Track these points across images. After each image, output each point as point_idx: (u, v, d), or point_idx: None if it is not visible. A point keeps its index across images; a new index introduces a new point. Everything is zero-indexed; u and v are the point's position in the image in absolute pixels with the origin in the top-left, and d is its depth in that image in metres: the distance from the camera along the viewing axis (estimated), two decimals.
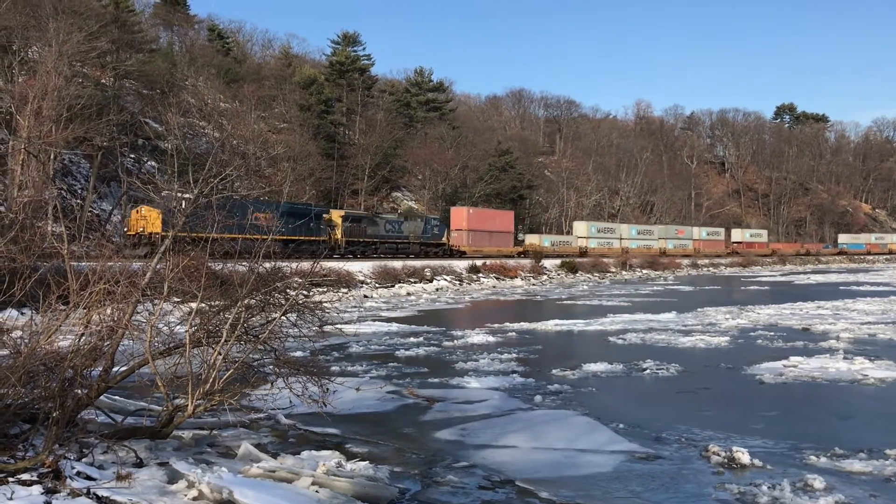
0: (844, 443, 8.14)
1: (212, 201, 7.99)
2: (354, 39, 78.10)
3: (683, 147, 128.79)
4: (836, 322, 21.19)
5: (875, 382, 11.94)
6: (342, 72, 74.22)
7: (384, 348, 16.18)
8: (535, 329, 20.34)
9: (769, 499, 6.38)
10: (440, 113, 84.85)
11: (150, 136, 50.54)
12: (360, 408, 9.99)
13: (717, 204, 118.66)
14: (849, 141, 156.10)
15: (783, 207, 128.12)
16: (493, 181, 74.69)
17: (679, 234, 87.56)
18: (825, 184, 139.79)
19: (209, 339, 7.18)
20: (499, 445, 8.29)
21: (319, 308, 7.87)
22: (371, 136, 68.17)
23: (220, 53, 74.13)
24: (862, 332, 18.61)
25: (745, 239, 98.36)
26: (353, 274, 36.93)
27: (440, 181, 70.56)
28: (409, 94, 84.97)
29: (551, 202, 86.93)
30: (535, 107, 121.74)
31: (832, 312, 24.76)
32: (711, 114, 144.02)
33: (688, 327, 20.34)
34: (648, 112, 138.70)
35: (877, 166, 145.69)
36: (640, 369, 13.31)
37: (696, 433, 8.72)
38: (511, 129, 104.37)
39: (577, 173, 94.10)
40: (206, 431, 8.07)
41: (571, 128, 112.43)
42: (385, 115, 73.76)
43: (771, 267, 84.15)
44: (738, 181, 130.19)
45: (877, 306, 27.30)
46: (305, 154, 56.83)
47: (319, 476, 6.24)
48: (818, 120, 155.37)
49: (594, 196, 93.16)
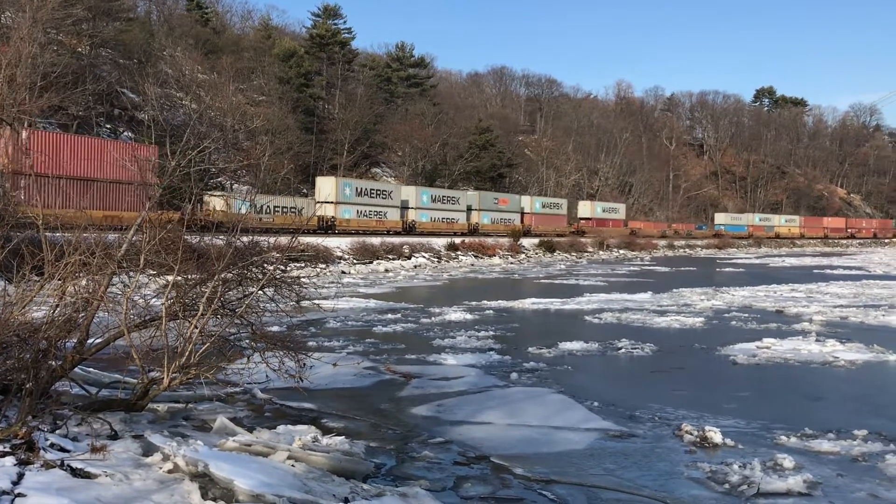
0: (814, 423, 8.28)
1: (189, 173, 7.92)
2: (335, 12, 77.29)
3: (663, 128, 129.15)
4: (809, 305, 21.47)
5: (845, 365, 12.13)
6: (322, 45, 73.47)
7: (362, 324, 16.19)
8: (512, 307, 20.43)
9: (740, 477, 6.47)
10: (421, 89, 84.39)
11: (127, 107, 49.87)
12: (337, 383, 10.00)
13: (695, 186, 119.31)
14: (826, 126, 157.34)
15: (760, 190, 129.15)
16: (473, 159, 74.58)
17: (501, 203, 68.53)
18: (802, 168, 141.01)
19: (185, 312, 7.13)
20: (475, 422, 8.34)
21: (297, 283, 7.84)
22: (351, 111, 67.68)
23: (198, 24, 73.12)
24: (834, 315, 18.87)
25: (594, 214, 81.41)
26: (331, 250, 36.86)
27: (420, 158, 70.33)
28: (390, 70, 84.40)
29: (531, 181, 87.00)
30: (516, 85, 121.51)
31: (806, 295, 25.08)
32: (691, 96, 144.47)
33: (663, 307, 20.52)
34: (629, 93, 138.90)
35: (853, 151, 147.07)
36: (615, 348, 13.42)
37: (670, 412, 8.83)
38: (492, 107, 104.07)
39: (556, 153, 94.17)
40: (182, 405, 8.04)
41: (552, 107, 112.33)
42: (365, 90, 73.28)
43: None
44: (717, 163, 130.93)
45: (849, 290, 27.68)
46: (284, 127, 56.40)
47: (295, 450, 6.25)
48: (797, 104, 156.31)
49: (573, 176, 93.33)
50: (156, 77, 47.31)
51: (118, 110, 49.41)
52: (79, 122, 40.10)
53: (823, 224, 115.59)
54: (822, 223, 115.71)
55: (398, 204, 56.44)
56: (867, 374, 11.66)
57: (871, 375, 11.59)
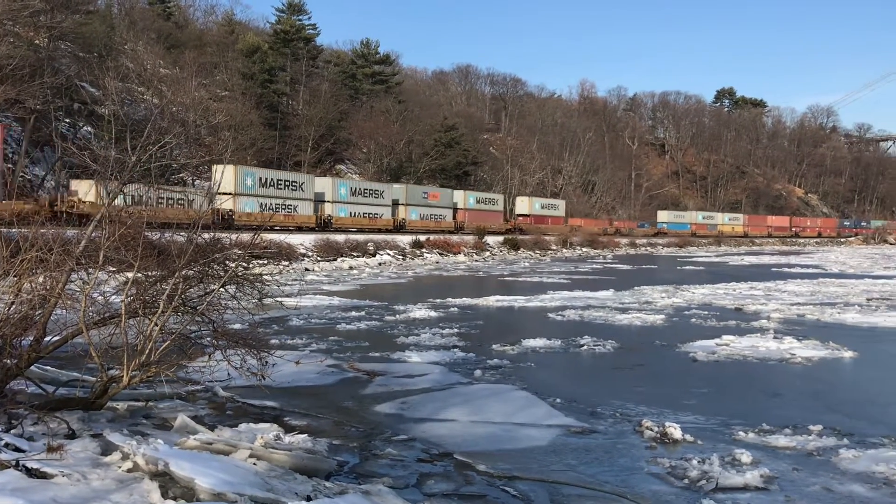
0: (771, 419, 8.43)
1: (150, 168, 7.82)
2: (300, 8, 76.74)
3: (625, 128, 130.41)
4: (767, 302, 21.83)
5: (802, 361, 12.36)
6: (286, 41, 72.92)
7: (325, 322, 16.12)
8: (476, 304, 20.49)
9: (699, 472, 6.57)
10: (386, 86, 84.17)
11: (87, 101, 48.97)
12: (300, 381, 9.95)
13: (657, 185, 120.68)
14: (785, 126, 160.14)
15: (720, 190, 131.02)
16: (439, 157, 74.62)
17: (431, 198, 64.90)
18: (761, 168, 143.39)
19: (146, 309, 7.04)
20: (438, 419, 8.36)
21: (259, 280, 7.78)
22: (315, 107, 67.28)
23: (160, 18, 72.12)
24: (791, 313, 19.21)
25: (533, 211, 78.16)
26: (295, 247, 36.64)
27: (385, 155, 70.18)
28: (355, 66, 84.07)
29: (496, 179, 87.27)
30: (481, 83, 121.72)
31: (764, 293, 25.50)
32: (654, 96, 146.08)
33: (625, 305, 20.73)
34: (592, 92, 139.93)
35: (810, 152, 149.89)
36: (577, 345, 13.53)
37: (631, 408, 8.93)
38: (457, 105, 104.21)
39: (521, 151, 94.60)
40: (142, 403, 7.94)
41: (517, 106, 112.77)
42: (330, 87, 72.87)
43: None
44: (678, 163, 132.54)
45: (806, 288, 28.21)
46: (247, 123, 55.94)
47: (257, 448, 6.20)
48: (756, 105, 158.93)
49: (538, 174, 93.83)
50: (116, 71, 46.47)
51: (78, 104, 48.50)
52: (36, 115, 39.27)
53: (767, 222, 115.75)
54: (767, 221, 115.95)
55: (311, 197, 51.41)
56: (823, 370, 11.90)
57: (826, 372, 11.83)
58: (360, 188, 57.27)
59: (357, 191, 56.58)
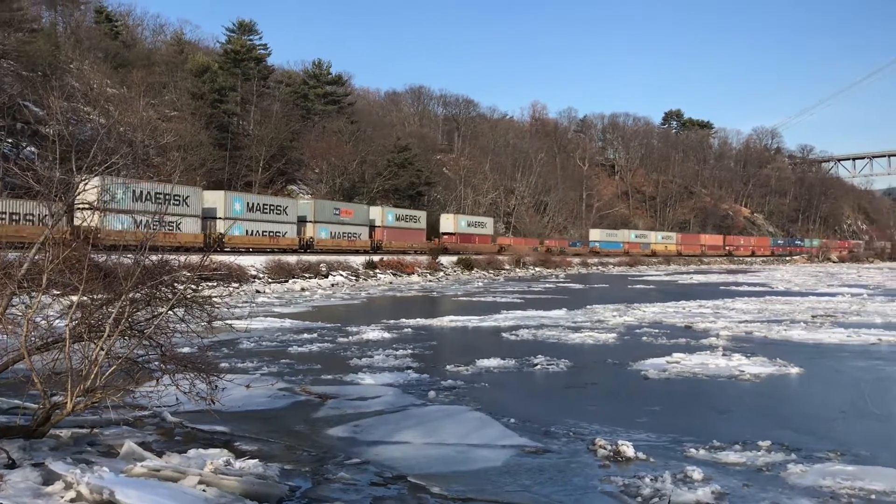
0: (722, 435, 8.54)
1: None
2: (250, 28, 76.33)
3: (576, 149, 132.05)
4: (716, 320, 22.20)
5: (751, 378, 12.57)
6: (237, 60, 72.39)
7: (276, 345, 15.91)
8: (430, 325, 20.45)
9: (651, 490, 6.62)
10: (338, 106, 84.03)
11: (30, 121, 47.92)
12: (251, 405, 9.79)
13: (607, 205, 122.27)
14: (731, 147, 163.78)
15: (669, 210, 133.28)
16: (392, 177, 74.60)
17: (344, 214, 59.71)
18: (708, 188, 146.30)
19: (91, 333, 6.87)
20: (392, 441, 8.28)
21: (209, 303, 7.66)
22: (266, 128, 66.80)
23: (107, 37, 71.06)
24: (740, 330, 19.56)
25: (458, 229, 73.96)
26: (245, 269, 36.19)
27: (338, 175, 69.93)
28: (307, 86, 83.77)
29: (449, 200, 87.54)
30: (434, 104, 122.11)
31: (713, 311, 25.93)
32: (603, 118, 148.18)
33: (577, 324, 20.88)
34: (544, 114, 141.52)
35: (756, 172, 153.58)
36: (531, 365, 13.57)
37: (584, 427, 8.97)
38: (410, 126, 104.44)
39: (474, 172, 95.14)
40: (87, 430, 7.73)
41: (469, 126, 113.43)
42: (281, 107, 72.52)
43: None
44: (627, 183, 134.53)
45: (754, 305, 28.77)
46: (197, 143, 55.30)
47: (207, 475, 6.08)
48: (703, 126, 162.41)
49: (491, 195, 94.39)
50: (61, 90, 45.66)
51: (21, 124, 47.41)
52: None
53: (701, 241, 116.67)
54: (700, 240, 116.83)
55: (198, 213, 45.44)
56: (770, 386, 12.12)
57: (774, 388, 12.05)
58: (258, 203, 51.32)
59: (255, 206, 50.65)
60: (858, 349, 16.48)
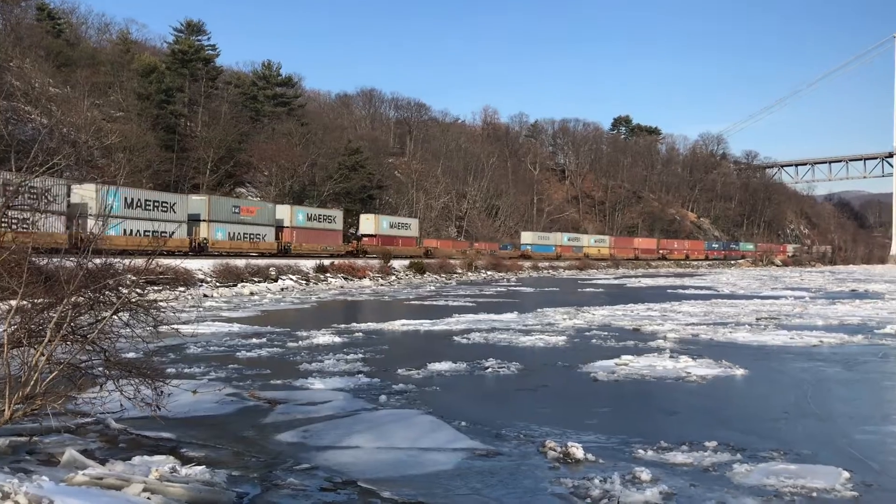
0: (669, 436, 8.65)
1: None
2: (199, 28, 75.32)
3: (527, 154, 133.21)
4: (663, 323, 22.53)
5: (697, 379, 12.78)
6: (185, 61, 71.31)
7: (224, 349, 15.68)
8: (381, 329, 20.37)
9: (601, 491, 6.67)
10: (288, 108, 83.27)
11: None
12: (198, 411, 9.62)
13: (558, 209, 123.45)
14: (678, 153, 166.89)
15: (618, 214, 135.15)
16: (343, 180, 74.17)
17: (245, 213, 53.27)
18: (656, 192, 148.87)
19: (31, 338, 6.67)
20: (342, 446, 8.22)
21: (154, 307, 7.50)
22: (214, 129, 65.93)
23: (50, 35, 69.38)
24: (686, 333, 19.88)
25: (380, 230, 68.66)
26: (192, 272, 35.60)
27: (287, 178, 69.27)
28: (256, 88, 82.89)
29: (401, 203, 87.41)
30: (385, 107, 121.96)
31: (661, 314, 26.32)
32: (554, 123, 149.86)
33: (528, 327, 21.00)
34: (495, 118, 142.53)
35: (702, 177, 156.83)
36: (482, 368, 13.60)
37: (535, 429, 9.01)
38: (362, 129, 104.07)
39: (426, 175, 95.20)
40: (26, 438, 7.50)
41: (421, 130, 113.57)
42: (230, 108, 71.67)
43: None
44: (577, 188, 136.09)
45: (700, 308, 29.29)
46: (143, 145, 54.30)
47: (152, 482, 5.94)
48: (651, 132, 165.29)
49: (442, 199, 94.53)
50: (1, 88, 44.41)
51: None
52: None
53: (634, 245, 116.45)
54: (633, 244, 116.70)
55: (63, 210, 36.81)
56: (716, 388, 12.33)
57: (719, 389, 12.27)
58: (139, 199, 44.22)
59: (135, 202, 43.67)
60: (801, 351, 16.88)
